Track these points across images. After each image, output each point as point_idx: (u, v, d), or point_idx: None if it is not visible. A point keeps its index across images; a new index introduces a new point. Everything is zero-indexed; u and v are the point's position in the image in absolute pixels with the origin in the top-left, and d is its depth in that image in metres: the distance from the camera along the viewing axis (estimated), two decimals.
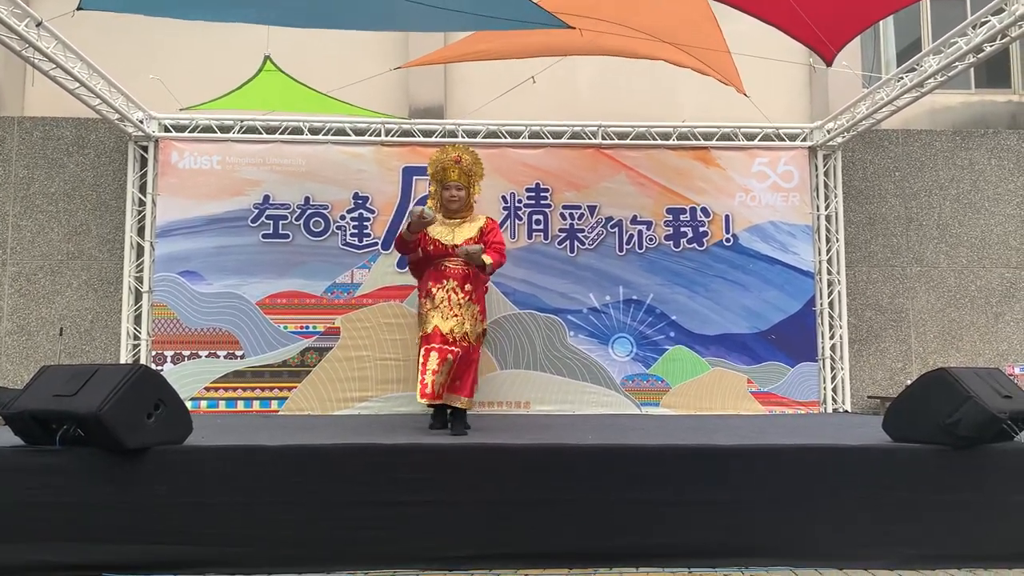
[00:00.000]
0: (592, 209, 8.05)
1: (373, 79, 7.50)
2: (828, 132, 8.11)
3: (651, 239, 8.05)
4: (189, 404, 5.33)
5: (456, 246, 5.44)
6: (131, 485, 3.76)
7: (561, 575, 3.77)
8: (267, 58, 6.92)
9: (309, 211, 7.89)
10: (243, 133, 7.95)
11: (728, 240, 8.07)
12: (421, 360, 5.28)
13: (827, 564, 3.88)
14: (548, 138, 8.12)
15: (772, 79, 8.17)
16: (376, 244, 7.88)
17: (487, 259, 5.39)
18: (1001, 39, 5.98)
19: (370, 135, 8.04)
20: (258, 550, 3.75)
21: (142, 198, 7.92)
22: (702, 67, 6.81)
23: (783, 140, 8.27)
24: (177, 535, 3.73)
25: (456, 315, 5.28)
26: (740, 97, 7.14)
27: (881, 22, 8.99)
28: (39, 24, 5.91)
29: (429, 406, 5.47)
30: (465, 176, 5.61)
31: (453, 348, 5.20)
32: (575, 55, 7.38)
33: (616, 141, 8.15)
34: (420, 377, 5.23)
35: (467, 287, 5.41)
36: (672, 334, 7.96)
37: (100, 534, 3.71)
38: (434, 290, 5.41)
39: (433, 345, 5.21)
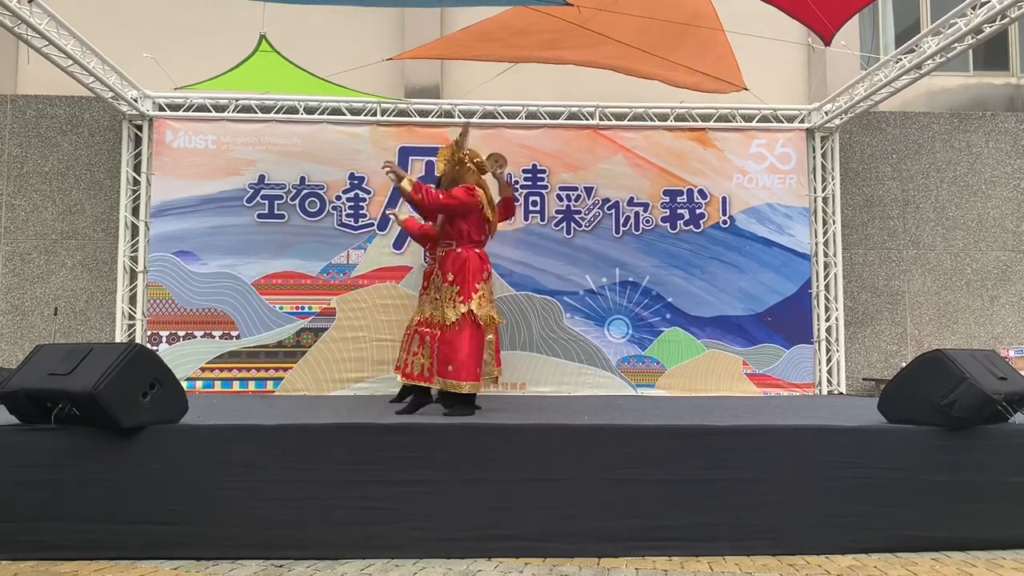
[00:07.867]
0: (589, 190, 8.03)
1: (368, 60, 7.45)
2: (826, 114, 8.08)
3: (648, 221, 8.03)
4: (184, 385, 5.31)
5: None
6: (126, 464, 3.75)
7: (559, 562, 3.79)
8: (262, 37, 6.85)
9: (305, 191, 7.86)
10: (238, 112, 7.91)
11: (725, 222, 8.06)
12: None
13: (821, 544, 3.90)
14: (545, 118, 8.07)
15: (770, 61, 8.13)
16: (372, 225, 7.86)
17: (404, 183, 5.19)
18: (1001, 20, 5.96)
19: (366, 115, 8.00)
20: (253, 530, 3.76)
21: (136, 177, 7.88)
22: (699, 83, 6.80)
23: (781, 122, 8.24)
24: (171, 514, 3.73)
25: (436, 298, 5.25)
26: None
27: (880, 3, 8.94)
28: (31, 0, 5.85)
29: (401, 383, 5.76)
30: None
31: (432, 331, 5.13)
32: (571, 64, 7.34)
33: (613, 122, 8.12)
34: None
35: (446, 268, 5.21)
36: (668, 316, 7.97)
37: (94, 513, 3.70)
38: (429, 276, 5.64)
39: (411, 329, 5.42)
